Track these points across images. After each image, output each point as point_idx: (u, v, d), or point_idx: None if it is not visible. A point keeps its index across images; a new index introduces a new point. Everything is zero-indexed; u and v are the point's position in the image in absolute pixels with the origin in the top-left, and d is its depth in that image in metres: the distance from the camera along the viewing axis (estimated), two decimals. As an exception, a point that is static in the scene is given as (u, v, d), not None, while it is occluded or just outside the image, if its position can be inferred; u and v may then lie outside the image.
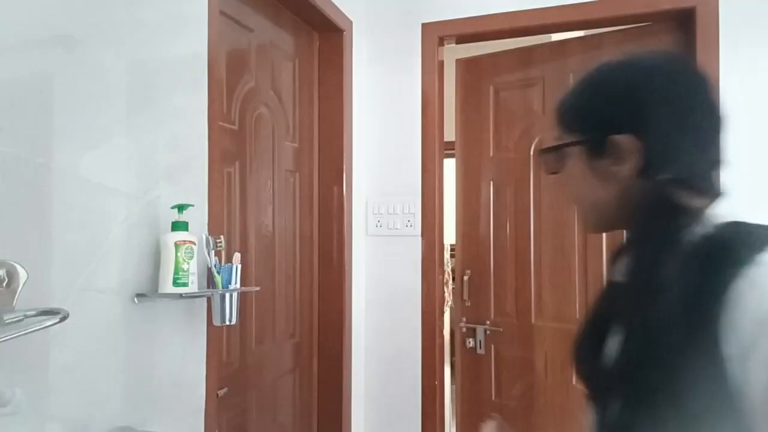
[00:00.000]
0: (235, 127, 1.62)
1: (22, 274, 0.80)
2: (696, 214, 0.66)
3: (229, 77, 1.57)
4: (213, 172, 1.35)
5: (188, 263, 1.14)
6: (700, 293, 0.59)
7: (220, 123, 1.46)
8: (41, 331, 0.81)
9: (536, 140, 2.30)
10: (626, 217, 0.71)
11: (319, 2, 1.89)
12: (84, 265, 0.99)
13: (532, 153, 2.31)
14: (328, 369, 2.07)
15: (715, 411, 0.57)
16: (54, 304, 0.89)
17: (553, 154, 0.77)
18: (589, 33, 2.26)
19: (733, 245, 0.61)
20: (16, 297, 0.80)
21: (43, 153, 0.90)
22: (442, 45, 2.29)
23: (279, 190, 1.86)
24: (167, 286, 1.12)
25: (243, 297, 1.58)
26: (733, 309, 0.56)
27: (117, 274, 1.06)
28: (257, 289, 1.66)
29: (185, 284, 1.14)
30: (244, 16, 1.66)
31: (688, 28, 2.00)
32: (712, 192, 0.69)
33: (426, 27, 2.26)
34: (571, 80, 2.23)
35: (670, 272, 0.62)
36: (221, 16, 1.45)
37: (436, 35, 2.25)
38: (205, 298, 1.32)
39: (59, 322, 0.82)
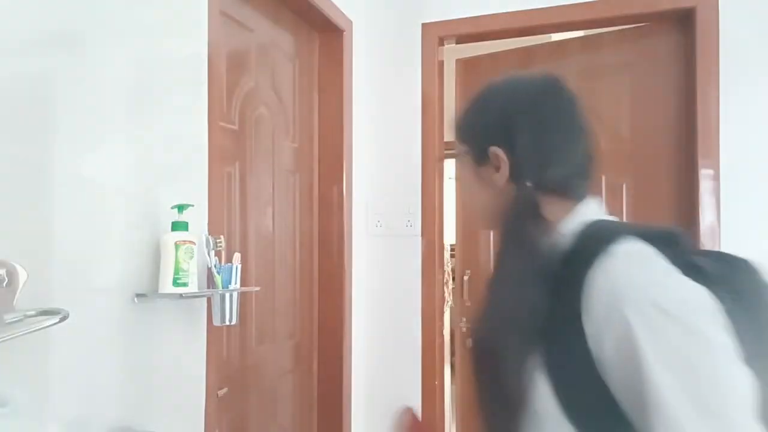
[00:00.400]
0: (235, 127, 1.62)
1: (22, 274, 0.80)
2: (559, 216, 0.78)
3: (229, 77, 1.57)
4: (213, 172, 1.35)
5: (188, 263, 1.14)
6: (563, 281, 0.69)
7: (220, 123, 1.46)
8: (41, 331, 0.81)
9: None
10: (498, 218, 0.81)
11: (319, 2, 1.89)
12: (84, 265, 0.99)
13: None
14: (328, 369, 2.07)
15: (582, 379, 0.66)
16: (54, 304, 0.88)
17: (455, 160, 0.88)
18: (589, 33, 2.26)
19: (590, 238, 0.72)
20: (16, 297, 0.80)
21: (43, 153, 0.91)
22: (442, 45, 2.29)
23: (279, 190, 1.86)
24: (167, 286, 1.12)
25: (243, 297, 1.58)
26: (589, 294, 0.66)
27: (117, 274, 1.06)
28: (257, 289, 1.66)
29: (185, 284, 1.14)
30: (244, 16, 1.66)
31: (688, 28, 2.00)
32: (576, 196, 0.79)
33: (426, 27, 2.26)
34: (571, 80, 2.23)
35: (533, 263, 0.73)
36: (221, 16, 1.45)
37: (436, 35, 2.25)
38: (205, 298, 1.32)
39: (59, 322, 0.82)
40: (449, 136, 2.53)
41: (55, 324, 0.82)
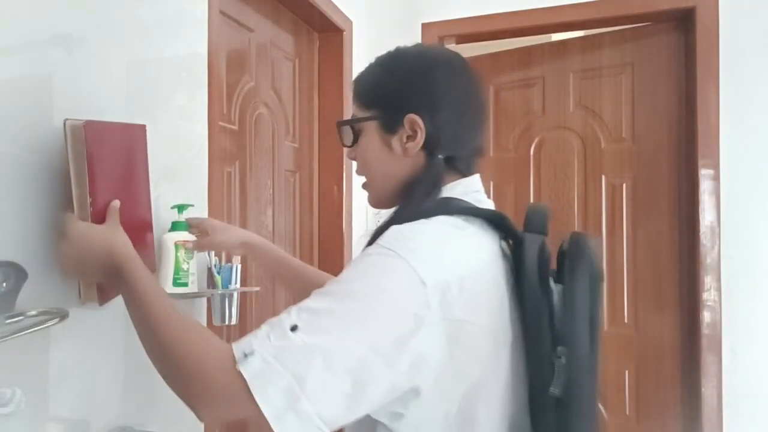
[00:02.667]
0: (235, 127, 1.62)
1: (22, 274, 0.80)
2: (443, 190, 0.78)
3: (229, 77, 1.57)
4: (213, 172, 1.35)
5: (188, 263, 1.14)
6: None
7: (220, 123, 1.46)
8: (41, 331, 0.81)
9: (536, 140, 2.30)
10: (408, 190, 0.79)
11: (319, 2, 1.89)
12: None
13: (531, 153, 2.31)
14: (328, 369, 2.07)
15: None
16: (54, 304, 0.88)
17: (350, 128, 0.84)
18: (589, 33, 2.26)
19: (421, 213, 0.72)
20: (17, 297, 0.80)
21: (43, 153, 0.90)
22: (442, 45, 2.29)
23: (279, 190, 1.86)
24: (167, 286, 1.12)
25: (243, 297, 1.57)
26: None
27: (117, 274, 1.06)
28: (257, 289, 1.66)
29: (185, 284, 1.14)
30: (244, 16, 1.66)
31: (688, 28, 2.00)
32: (467, 174, 0.81)
33: (426, 27, 2.27)
34: (571, 80, 2.23)
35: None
36: (221, 16, 1.45)
37: (436, 35, 2.26)
38: (205, 298, 1.32)
39: (59, 322, 0.82)
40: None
41: (55, 324, 0.82)
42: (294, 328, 0.62)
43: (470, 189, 0.80)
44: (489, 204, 0.81)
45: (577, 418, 0.65)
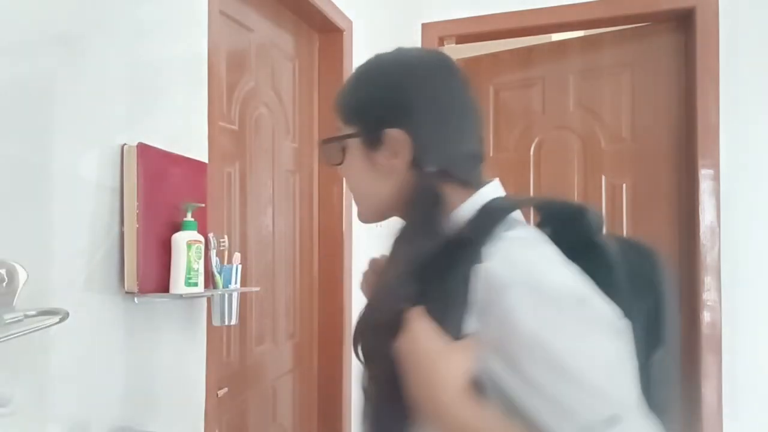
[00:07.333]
0: (235, 127, 1.62)
1: (22, 274, 0.80)
2: (456, 203, 0.71)
3: (229, 77, 1.57)
4: (213, 172, 1.35)
5: (198, 263, 1.12)
6: (457, 265, 0.64)
7: (220, 123, 1.46)
8: (41, 331, 0.81)
9: (536, 140, 2.30)
10: (400, 207, 0.74)
11: (319, 2, 1.89)
12: (84, 265, 0.99)
13: (531, 153, 2.31)
14: (328, 369, 2.07)
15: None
16: (54, 304, 0.88)
17: (333, 145, 0.78)
18: (589, 33, 2.26)
19: (483, 226, 0.66)
20: (16, 297, 0.80)
21: (43, 153, 0.90)
22: (442, 45, 2.29)
23: (279, 190, 1.86)
24: (179, 287, 1.10)
25: (243, 297, 1.58)
26: (476, 281, 0.62)
27: (117, 274, 1.06)
28: (257, 289, 1.66)
29: (195, 284, 1.12)
30: (244, 16, 1.66)
31: (688, 28, 2.01)
32: (475, 182, 0.73)
33: (426, 27, 2.27)
34: (571, 80, 2.23)
35: (430, 251, 0.66)
36: (221, 16, 1.45)
37: (436, 35, 2.26)
38: (204, 298, 1.32)
39: (59, 322, 0.82)
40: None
41: (55, 324, 0.82)
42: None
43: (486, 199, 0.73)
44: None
45: None
